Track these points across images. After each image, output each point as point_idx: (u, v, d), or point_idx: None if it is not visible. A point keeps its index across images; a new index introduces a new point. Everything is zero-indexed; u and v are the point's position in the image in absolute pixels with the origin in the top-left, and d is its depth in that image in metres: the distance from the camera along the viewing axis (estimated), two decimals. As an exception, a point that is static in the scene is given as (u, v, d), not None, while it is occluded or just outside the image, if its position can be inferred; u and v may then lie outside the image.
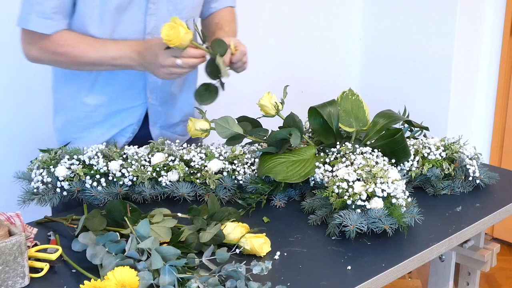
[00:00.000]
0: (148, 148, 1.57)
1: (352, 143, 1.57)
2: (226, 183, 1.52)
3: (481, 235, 1.69)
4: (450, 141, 1.66)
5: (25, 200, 1.46)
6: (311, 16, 2.92)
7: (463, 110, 2.96)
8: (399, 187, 1.37)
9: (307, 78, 2.91)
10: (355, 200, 1.34)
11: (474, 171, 1.59)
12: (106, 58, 1.54)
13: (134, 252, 1.17)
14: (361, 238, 1.34)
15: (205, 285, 1.10)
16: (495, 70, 2.95)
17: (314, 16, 2.93)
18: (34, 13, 1.51)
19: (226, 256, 1.19)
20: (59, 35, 1.54)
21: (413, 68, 2.98)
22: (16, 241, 1.14)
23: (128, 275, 1.08)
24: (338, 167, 1.47)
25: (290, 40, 2.87)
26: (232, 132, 1.55)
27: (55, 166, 1.49)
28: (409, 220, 1.35)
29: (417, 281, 2.82)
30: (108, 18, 1.54)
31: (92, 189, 1.48)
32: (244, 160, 1.57)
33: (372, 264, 1.25)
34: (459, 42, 2.80)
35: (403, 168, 1.57)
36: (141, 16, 1.57)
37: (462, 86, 2.91)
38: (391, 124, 1.61)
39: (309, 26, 2.93)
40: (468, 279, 1.81)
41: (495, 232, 3.12)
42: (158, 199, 1.52)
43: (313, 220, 1.42)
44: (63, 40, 1.54)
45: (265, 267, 1.12)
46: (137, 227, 1.22)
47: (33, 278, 1.18)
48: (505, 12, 2.85)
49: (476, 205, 1.53)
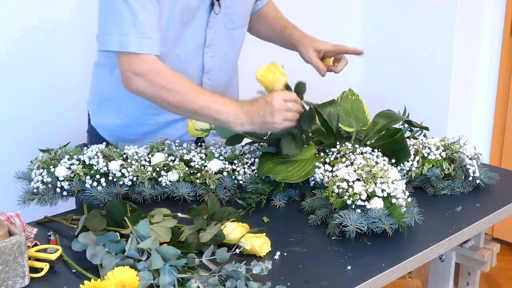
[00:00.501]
0: (148, 148, 1.57)
1: (352, 143, 1.57)
2: (226, 183, 1.52)
3: (481, 235, 1.69)
4: (450, 141, 1.66)
5: (25, 200, 1.46)
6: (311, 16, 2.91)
7: (463, 110, 2.96)
8: (399, 187, 1.37)
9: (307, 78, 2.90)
10: (355, 200, 1.34)
11: (474, 171, 1.59)
12: (212, 110, 1.44)
13: (134, 252, 1.17)
14: (361, 238, 1.34)
15: (205, 285, 1.10)
16: (495, 70, 2.95)
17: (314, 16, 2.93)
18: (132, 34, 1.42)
19: (226, 256, 1.19)
20: (168, 70, 1.46)
21: (413, 68, 2.98)
22: (16, 241, 1.14)
23: (128, 275, 1.08)
24: (338, 167, 1.47)
25: (290, 40, 2.86)
26: (232, 132, 1.55)
27: (55, 166, 1.49)
28: (409, 220, 1.35)
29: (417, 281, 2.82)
30: (172, 33, 1.53)
31: (92, 189, 1.48)
32: (244, 160, 1.57)
33: (372, 264, 1.25)
34: (459, 42, 2.80)
35: (403, 168, 1.57)
36: (201, 30, 1.57)
37: (462, 86, 2.90)
38: (391, 124, 1.61)
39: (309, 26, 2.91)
40: (468, 279, 1.81)
41: (495, 232, 3.11)
42: (158, 199, 1.52)
43: (313, 220, 1.42)
44: (171, 77, 1.46)
45: (265, 267, 1.12)
46: (137, 227, 1.22)
47: (33, 278, 1.18)
48: (505, 12, 2.85)
49: (476, 205, 1.53)
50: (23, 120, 2.18)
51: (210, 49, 1.61)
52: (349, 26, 3.10)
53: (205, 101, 1.43)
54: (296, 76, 1.58)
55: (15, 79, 2.15)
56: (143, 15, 1.42)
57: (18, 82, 2.16)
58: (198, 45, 1.59)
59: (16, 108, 2.16)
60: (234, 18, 1.62)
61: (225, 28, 1.61)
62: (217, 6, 1.56)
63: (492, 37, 2.90)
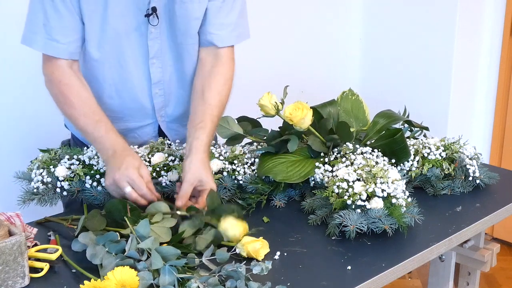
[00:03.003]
0: (148, 148, 1.57)
1: (352, 143, 1.57)
2: (226, 183, 1.52)
3: (481, 235, 1.69)
4: (450, 141, 1.66)
5: (25, 200, 1.46)
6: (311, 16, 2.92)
7: (463, 110, 2.96)
8: (399, 187, 1.37)
9: (307, 78, 2.91)
10: (355, 200, 1.34)
11: (474, 171, 1.59)
12: (89, 135, 1.47)
13: (134, 252, 1.17)
14: (361, 238, 1.34)
15: (205, 285, 1.10)
16: (495, 70, 2.95)
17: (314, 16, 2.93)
18: (40, 33, 1.47)
19: (226, 256, 1.19)
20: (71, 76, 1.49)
21: (413, 68, 2.98)
22: (16, 241, 1.14)
23: (128, 275, 1.08)
24: (338, 167, 1.47)
25: (290, 40, 2.86)
26: (232, 132, 1.55)
27: (55, 166, 1.49)
28: (409, 220, 1.35)
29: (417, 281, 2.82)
30: (107, 43, 1.52)
31: (92, 189, 1.48)
32: (244, 160, 1.57)
33: (372, 264, 1.25)
34: (459, 42, 2.80)
35: (403, 168, 1.57)
36: (143, 40, 1.54)
37: (462, 86, 2.90)
38: (391, 124, 1.61)
39: (309, 26, 2.93)
40: (468, 279, 1.81)
41: (495, 232, 3.11)
42: (158, 199, 1.52)
43: (313, 220, 1.42)
44: (69, 87, 1.49)
45: (265, 267, 1.12)
46: (137, 227, 1.22)
47: (33, 278, 1.18)
48: (505, 12, 2.85)
49: (476, 205, 1.53)
50: (23, 120, 2.18)
51: (157, 60, 1.57)
52: (349, 26, 3.11)
53: (87, 126, 1.47)
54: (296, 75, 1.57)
55: (16, 79, 2.15)
56: (54, 19, 1.45)
57: (18, 82, 2.16)
58: (142, 55, 1.56)
59: (16, 108, 2.16)
60: (178, 33, 1.56)
61: (171, 41, 1.56)
62: (153, 18, 1.51)
63: (492, 37, 2.90)
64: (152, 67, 1.58)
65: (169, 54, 1.58)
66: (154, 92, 1.61)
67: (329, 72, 3.06)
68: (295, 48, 2.88)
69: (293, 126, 1.53)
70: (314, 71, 2.99)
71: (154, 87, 1.60)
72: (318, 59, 3.00)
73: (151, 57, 1.56)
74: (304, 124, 1.52)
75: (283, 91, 1.62)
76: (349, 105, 1.69)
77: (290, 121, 1.52)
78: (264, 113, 1.60)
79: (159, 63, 1.58)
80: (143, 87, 1.60)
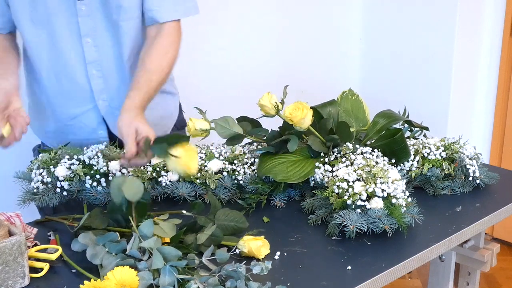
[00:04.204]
0: (148, 148, 1.57)
1: (352, 143, 1.57)
2: (226, 183, 1.52)
3: (481, 235, 1.69)
4: (450, 141, 1.66)
5: (25, 200, 1.46)
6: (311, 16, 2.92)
7: (463, 110, 2.96)
8: (399, 187, 1.37)
9: (307, 78, 2.91)
10: (355, 200, 1.34)
11: (474, 171, 1.59)
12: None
13: (135, 251, 1.17)
14: (361, 238, 1.34)
15: (205, 285, 1.10)
16: (495, 70, 2.95)
17: (314, 16, 2.93)
18: None
19: (226, 256, 1.19)
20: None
21: (413, 68, 2.98)
22: (16, 241, 1.14)
23: (128, 275, 1.08)
24: (338, 167, 1.47)
25: (290, 40, 2.86)
26: (232, 132, 1.55)
27: (55, 166, 1.49)
28: (409, 220, 1.35)
29: (417, 281, 2.82)
30: (39, 24, 1.52)
31: (92, 189, 1.48)
32: (244, 160, 1.57)
33: (372, 264, 1.25)
34: (459, 42, 2.80)
35: (403, 168, 1.57)
36: (73, 18, 1.53)
37: (462, 86, 2.90)
38: (391, 124, 1.61)
39: (309, 26, 2.93)
40: (468, 279, 1.81)
41: (495, 232, 3.11)
42: (158, 199, 1.52)
43: (313, 220, 1.42)
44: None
45: (265, 267, 1.12)
46: (141, 226, 1.22)
47: (33, 278, 1.18)
48: (505, 12, 2.85)
49: (476, 205, 1.53)
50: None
51: (91, 39, 1.56)
52: (349, 26, 3.11)
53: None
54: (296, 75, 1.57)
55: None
56: None
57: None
58: (74, 34, 1.55)
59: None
60: (112, 10, 1.53)
61: (106, 19, 1.54)
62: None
63: (492, 37, 2.90)
64: (86, 46, 1.56)
65: (106, 33, 1.56)
66: (91, 72, 1.59)
67: (329, 72, 3.06)
68: (295, 48, 2.88)
69: (293, 126, 1.53)
70: (314, 71, 2.99)
71: (90, 67, 1.58)
72: (318, 59, 3.00)
73: (83, 35, 1.55)
74: (304, 124, 1.52)
75: (283, 91, 1.62)
76: (349, 105, 1.69)
77: (290, 121, 1.52)
78: (264, 113, 1.60)
79: (94, 41, 1.56)
80: (79, 67, 1.58)
